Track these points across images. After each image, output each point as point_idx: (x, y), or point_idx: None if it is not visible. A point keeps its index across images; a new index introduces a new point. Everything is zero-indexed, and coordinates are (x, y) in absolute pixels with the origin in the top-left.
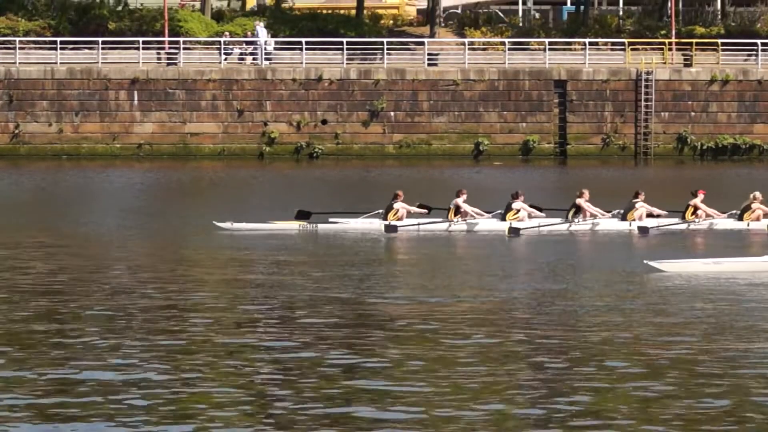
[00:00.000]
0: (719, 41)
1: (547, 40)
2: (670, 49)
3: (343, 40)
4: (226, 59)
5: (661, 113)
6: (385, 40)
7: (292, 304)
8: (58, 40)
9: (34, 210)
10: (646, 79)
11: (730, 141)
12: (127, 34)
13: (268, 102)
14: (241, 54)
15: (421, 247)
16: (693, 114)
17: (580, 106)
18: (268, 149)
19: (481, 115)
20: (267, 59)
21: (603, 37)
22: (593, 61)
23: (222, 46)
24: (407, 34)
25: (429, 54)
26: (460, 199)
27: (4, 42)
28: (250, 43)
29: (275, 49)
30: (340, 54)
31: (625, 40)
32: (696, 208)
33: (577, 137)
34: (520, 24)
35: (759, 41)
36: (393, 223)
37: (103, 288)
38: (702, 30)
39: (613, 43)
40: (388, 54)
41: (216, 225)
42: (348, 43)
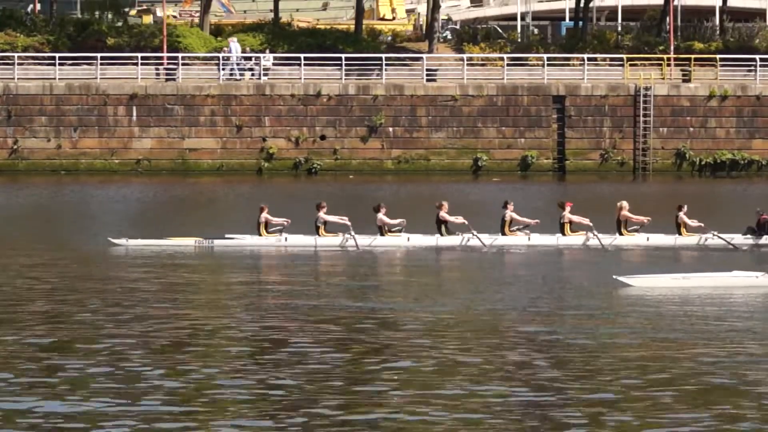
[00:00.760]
0: (718, 57)
1: (545, 56)
2: (669, 65)
3: (342, 56)
4: (230, 74)
5: (660, 129)
6: (383, 56)
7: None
8: (57, 55)
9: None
10: (645, 95)
11: (729, 156)
12: (126, 50)
13: (266, 117)
14: (240, 69)
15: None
16: (691, 129)
17: (578, 121)
18: (266, 165)
19: (480, 130)
20: (265, 74)
21: (602, 53)
22: (592, 76)
23: (220, 62)
24: (406, 50)
25: (428, 69)
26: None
27: (2, 58)
28: (225, 58)
29: (274, 64)
30: (338, 69)
31: (624, 56)
32: (571, 222)
33: (576, 153)
34: (519, 39)
35: (757, 57)
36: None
37: None
38: (700, 45)
39: (611, 59)
40: (386, 69)
41: (111, 242)
42: (347, 58)
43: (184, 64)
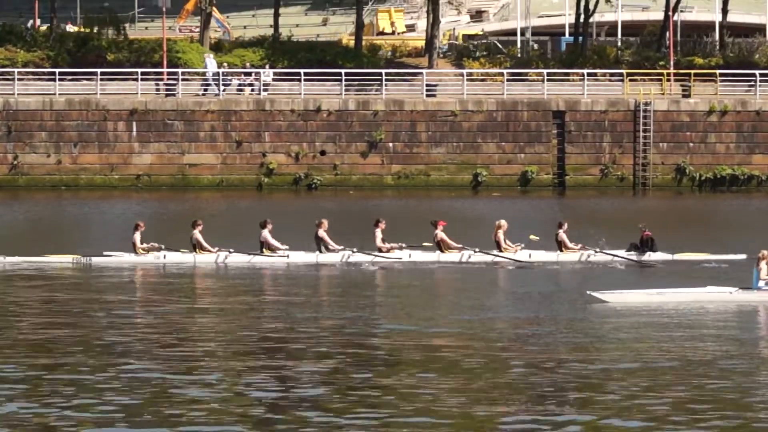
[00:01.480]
0: (717, 72)
1: (545, 71)
2: (669, 80)
3: (342, 71)
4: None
5: (660, 144)
6: (383, 71)
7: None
8: (57, 71)
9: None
10: (645, 110)
11: (729, 172)
12: (126, 65)
13: (266, 133)
14: (239, 85)
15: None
16: (691, 145)
17: (578, 136)
18: (266, 180)
19: (480, 145)
20: (264, 90)
21: (601, 68)
22: (592, 91)
23: (220, 78)
24: (405, 65)
25: (427, 85)
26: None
27: (2, 73)
28: (201, 74)
29: (274, 79)
30: (338, 85)
31: (624, 71)
32: (441, 241)
33: (576, 168)
34: (519, 55)
35: (757, 72)
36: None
37: None
38: (700, 61)
39: (611, 74)
40: (386, 85)
41: None
42: (346, 73)
43: (183, 80)
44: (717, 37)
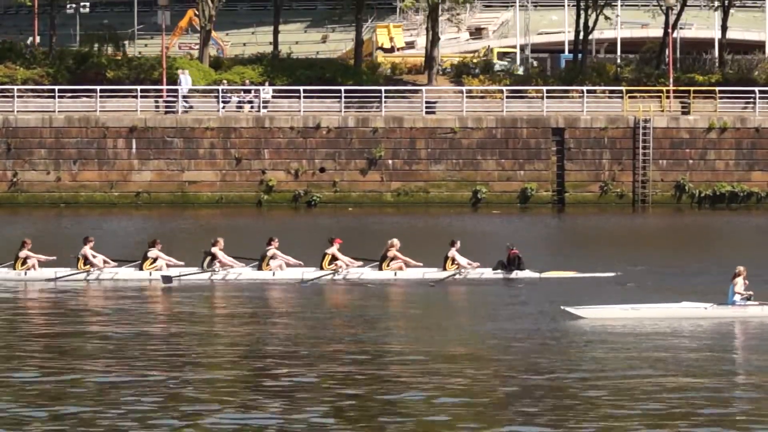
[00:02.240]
0: (717, 89)
1: (545, 88)
2: (668, 97)
3: (341, 88)
4: (224, 107)
5: (659, 161)
6: (383, 88)
7: None
8: (57, 88)
9: None
10: (644, 127)
11: (728, 189)
12: (126, 83)
13: (266, 150)
14: (239, 102)
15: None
16: (691, 162)
17: (578, 153)
18: (266, 197)
19: (479, 162)
20: (264, 107)
21: (601, 85)
22: (591, 108)
23: (220, 95)
24: (405, 82)
25: (427, 102)
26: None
27: (2, 90)
28: (172, 90)
29: (273, 97)
30: (338, 102)
31: (623, 88)
32: (334, 258)
33: (575, 185)
34: (518, 72)
35: (756, 89)
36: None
37: None
38: (700, 78)
39: (611, 91)
40: (385, 102)
41: None
42: (346, 91)
43: (183, 97)
44: (716, 54)
